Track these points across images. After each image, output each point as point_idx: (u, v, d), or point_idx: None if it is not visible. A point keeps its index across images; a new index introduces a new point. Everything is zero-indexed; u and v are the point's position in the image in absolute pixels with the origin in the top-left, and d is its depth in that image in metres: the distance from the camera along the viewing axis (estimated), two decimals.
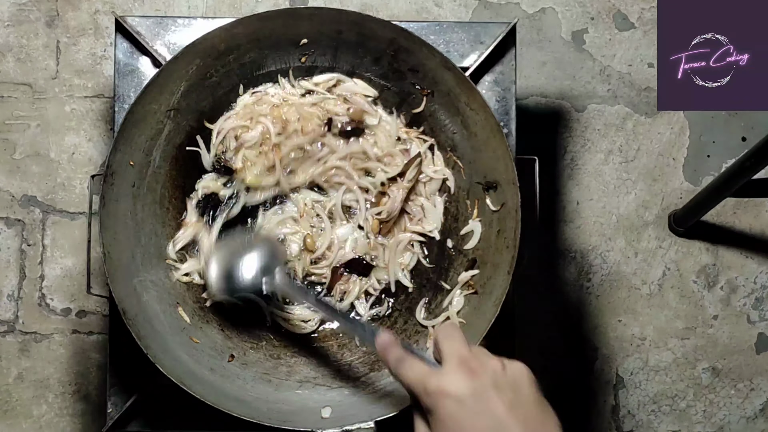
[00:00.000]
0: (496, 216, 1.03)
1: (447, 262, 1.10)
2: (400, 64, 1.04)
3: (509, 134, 1.10)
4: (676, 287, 1.52)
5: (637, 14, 1.53)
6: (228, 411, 0.95)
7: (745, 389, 1.52)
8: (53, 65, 1.50)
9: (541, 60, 1.52)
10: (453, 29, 1.10)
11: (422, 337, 1.07)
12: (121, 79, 1.09)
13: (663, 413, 1.52)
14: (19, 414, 1.48)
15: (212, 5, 1.52)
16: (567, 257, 1.51)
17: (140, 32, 1.08)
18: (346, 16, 0.99)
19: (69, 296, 1.48)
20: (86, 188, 1.48)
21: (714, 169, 1.53)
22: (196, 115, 1.06)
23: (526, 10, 1.53)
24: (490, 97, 1.10)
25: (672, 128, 1.53)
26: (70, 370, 1.48)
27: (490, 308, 0.98)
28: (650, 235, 1.52)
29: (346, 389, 1.05)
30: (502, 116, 1.10)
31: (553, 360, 1.51)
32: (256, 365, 1.06)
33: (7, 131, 1.49)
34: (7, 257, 1.48)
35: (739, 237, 1.53)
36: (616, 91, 1.53)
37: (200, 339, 1.05)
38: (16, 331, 1.48)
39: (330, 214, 1.09)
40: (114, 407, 1.08)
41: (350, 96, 1.08)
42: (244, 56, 1.04)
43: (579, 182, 1.52)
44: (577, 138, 1.52)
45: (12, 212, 1.49)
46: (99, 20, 1.50)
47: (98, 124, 1.49)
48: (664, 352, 1.52)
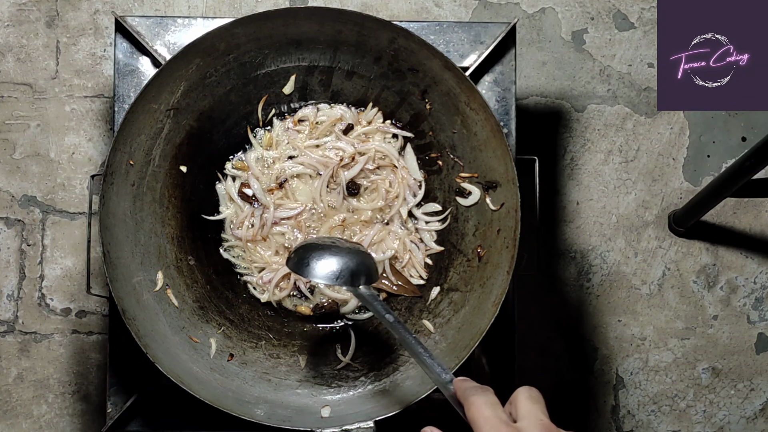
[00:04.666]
0: (496, 216, 1.04)
1: (447, 261, 1.10)
2: (400, 64, 1.04)
3: (509, 134, 1.10)
4: (676, 287, 1.52)
5: (637, 14, 1.53)
6: (228, 411, 0.95)
7: (745, 389, 1.52)
8: (53, 65, 1.50)
9: (541, 60, 1.52)
10: (453, 29, 1.10)
11: (421, 337, 1.07)
12: (121, 79, 1.09)
13: (663, 413, 1.52)
14: (19, 414, 1.48)
15: (212, 5, 1.52)
16: (567, 257, 1.51)
17: (140, 32, 1.08)
18: (346, 16, 0.99)
19: (69, 296, 1.48)
20: (86, 188, 1.48)
21: (714, 169, 1.53)
22: (195, 114, 1.06)
23: (526, 10, 1.53)
24: (490, 97, 1.10)
25: (672, 128, 1.53)
26: (70, 370, 1.48)
27: (489, 308, 0.98)
28: (650, 235, 1.52)
29: (346, 389, 1.05)
30: (502, 116, 1.10)
31: (553, 360, 1.51)
32: (255, 364, 1.06)
33: (7, 131, 1.49)
34: (7, 257, 1.48)
35: (739, 237, 1.53)
36: (616, 91, 1.53)
37: (200, 339, 1.05)
38: (16, 331, 1.48)
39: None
40: (114, 407, 1.08)
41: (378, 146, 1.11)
42: (244, 56, 1.04)
43: (579, 182, 1.52)
44: (577, 138, 1.52)
45: (12, 212, 1.49)
46: (99, 20, 1.50)
47: (98, 124, 1.49)
48: (664, 352, 1.52)
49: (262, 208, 1.10)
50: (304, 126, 1.11)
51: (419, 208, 1.12)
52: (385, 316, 0.86)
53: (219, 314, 1.09)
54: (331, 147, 1.11)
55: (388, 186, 1.11)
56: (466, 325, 1.03)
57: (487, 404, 0.69)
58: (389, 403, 0.99)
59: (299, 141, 1.11)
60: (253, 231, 1.10)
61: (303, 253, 0.94)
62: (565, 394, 1.51)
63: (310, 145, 1.11)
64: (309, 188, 1.11)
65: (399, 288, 1.10)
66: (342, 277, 0.92)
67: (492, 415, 0.68)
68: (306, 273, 0.93)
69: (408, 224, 1.11)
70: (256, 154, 1.11)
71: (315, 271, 0.92)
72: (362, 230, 1.10)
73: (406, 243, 1.10)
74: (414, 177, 1.11)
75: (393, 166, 1.11)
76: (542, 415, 0.68)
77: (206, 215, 1.11)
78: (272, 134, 1.11)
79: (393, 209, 1.10)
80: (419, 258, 1.11)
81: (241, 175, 1.11)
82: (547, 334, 1.51)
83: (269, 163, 1.11)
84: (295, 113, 1.11)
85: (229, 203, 1.11)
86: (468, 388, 0.71)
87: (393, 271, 1.11)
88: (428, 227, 1.11)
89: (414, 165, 1.11)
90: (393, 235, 1.10)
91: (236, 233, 1.10)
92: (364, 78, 1.08)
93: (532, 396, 0.70)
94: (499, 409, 0.69)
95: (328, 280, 0.92)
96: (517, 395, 0.70)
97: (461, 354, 0.98)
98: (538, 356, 1.50)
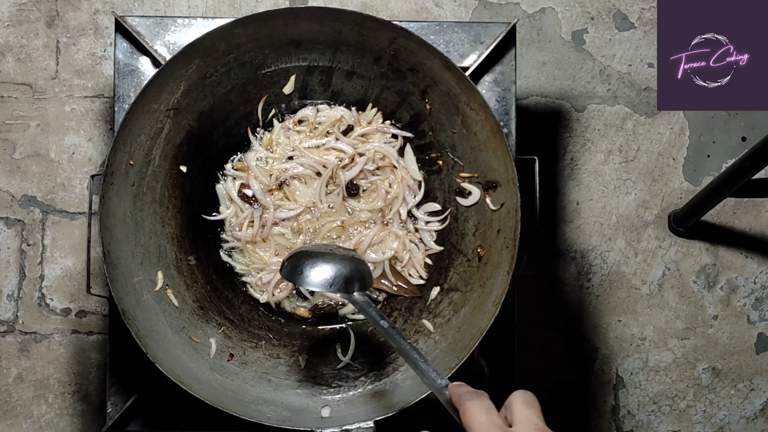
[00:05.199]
0: (496, 216, 1.04)
1: (447, 261, 1.10)
2: (400, 64, 1.04)
3: (509, 134, 1.10)
4: (676, 287, 1.52)
5: (637, 14, 1.53)
6: (228, 411, 0.95)
7: (745, 389, 1.52)
8: (53, 65, 1.50)
9: (541, 60, 1.52)
10: (453, 29, 1.10)
11: (421, 337, 1.07)
12: (121, 79, 1.09)
13: (663, 413, 1.52)
14: (19, 414, 1.48)
15: (212, 5, 1.52)
16: (567, 257, 1.51)
17: (140, 32, 1.08)
18: (346, 16, 0.99)
19: (69, 296, 1.48)
20: (86, 188, 1.48)
21: (714, 169, 1.53)
22: (195, 114, 1.06)
23: (526, 10, 1.53)
24: (490, 97, 1.10)
25: (672, 128, 1.53)
26: (70, 370, 1.48)
27: (489, 308, 0.98)
28: (650, 235, 1.52)
29: (346, 389, 1.05)
30: (502, 116, 1.10)
31: (553, 360, 1.51)
32: (255, 364, 1.06)
33: (7, 131, 1.49)
34: (7, 257, 1.48)
35: (739, 237, 1.53)
36: (616, 91, 1.53)
37: (200, 339, 1.05)
38: (16, 331, 1.48)
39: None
40: (114, 407, 1.08)
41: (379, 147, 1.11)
42: (244, 56, 1.04)
43: (579, 182, 1.52)
44: (577, 138, 1.52)
45: (12, 212, 1.49)
46: (99, 20, 1.50)
47: (98, 124, 1.49)
48: (664, 352, 1.52)
49: (262, 209, 1.10)
50: (303, 127, 1.11)
51: (419, 208, 1.12)
52: (379, 323, 0.86)
53: (219, 314, 1.09)
54: (330, 148, 1.11)
55: (388, 187, 1.11)
56: (466, 325, 1.03)
57: (482, 409, 0.69)
58: (389, 403, 0.99)
59: (299, 142, 1.11)
60: (252, 232, 1.10)
61: (296, 260, 0.94)
62: (565, 394, 1.51)
63: (310, 146, 1.11)
64: (309, 189, 1.11)
65: (399, 288, 1.10)
66: (336, 285, 0.92)
67: (487, 420, 0.68)
68: (299, 281, 0.92)
69: (408, 224, 1.11)
70: (256, 155, 1.11)
71: (308, 279, 0.92)
72: (362, 231, 1.10)
73: (405, 243, 1.10)
74: (413, 177, 1.11)
75: (392, 166, 1.11)
76: (537, 419, 0.68)
77: (206, 215, 1.11)
78: (272, 135, 1.11)
79: (392, 210, 1.10)
80: (419, 258, 1.11)
81: (241, 176, 1.11)
82: (547, 334, 1.51)
83: (269, 164, 1.11)
84: (295, 113, 1.11)
85: (229, 204, 1.11)
86: (463, 393, 0.71)
87: (393, 272, 1.11)
88: (428, 227, 1.11)
89: (413, 165, 1.11)
90: (393, 236, 1.10)
91: (236, 234, 1.10)
92: (364, 78, 1.08)
93: (527, 400, 0.70)
94: (494, 414, 0.69)
95: (321, 288, 0.92)
96: (512, 399, 0.70)
97: (461, 354, 0.98)
98: (538, 356, 1.50)
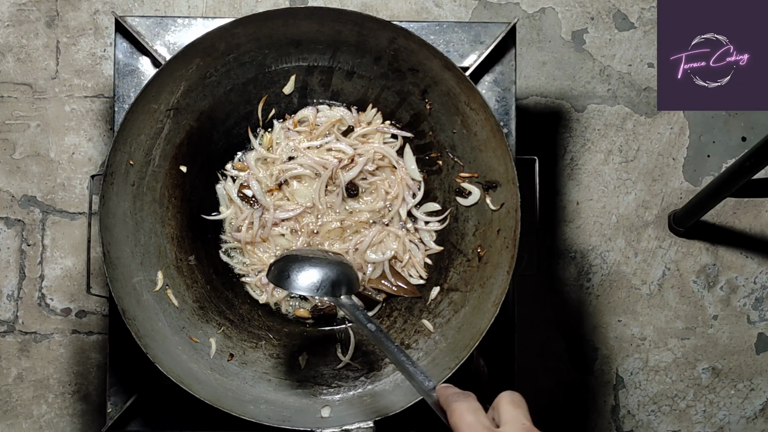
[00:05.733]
0: (496, 216, 1.04)
1: (447, 261, 1.10)
2: (400, 64, 1.04)
3: (509, 134, 1.10)
4: (676, 287, 1.52)
5: (637, 14, 1.53)
6: (228, 411, 0.95)
7: (745, 389, 1.52)
8: (53, 65, 1.50)
9: (541, 60, 1.52)
10: (453, 29, 1.10)
11: (421, 337, 1.07)
12: (121, 79, 1.09)
13: (663, 413, 1.52)
14: (19, 414, 1.48)
15: (212, 5, 1.52)
16: (567, 257, 1.51)
17: (140, 32, 1.08)
18: (346, 16, 0.99)
19: (69, 296, 1.48)
20: (86, 188, 1.48)
21: (714, 169, 1.53)
22: (195, 114, 1.06)
23: (526, 10, 1.53)
24: (490, 97, 1.10)
25: (672, 128, 1.53)
26: (70, 370, 1.48)
27: (489, 308, 0.98)
28: (650, 235, 1.52)
29: (346, 389, 1.05)
30: (502, 116, 1.10)
31: (553, 360, 1.51)
32: (255, 364, 1.06)
33: (7, 131, 1.49)
34: (7, 257, 1.48)
35: (739, 237, 1.53)
36: (616, 91, 1.53)
37: (200, 339, 1.05)
38: (16, 331, 1.48)
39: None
40: (114, 407, 1.08)
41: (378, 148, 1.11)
42: (244, 56, 1.04)
43: (579, 182, 1.52)
44: (577, 138, 1.52)
45: (12, 212, 1.49)
46: (99, 20, 1.50)
47: (98, 124, 1.49)
48: (664, 352, 1.52)
49: (262, 210, 1.10)
50: (303, 127, 1.11)
51: (419, 208, 1.12)
52: (366, 326, 0.86)
53: (219, 314, 1.09)
54: (330, 148, 1.11)
55: (387, 187, 1.11)
56: (466, 325, 1.03)
57: (470, 410, 0.69)
58: (389, 403, 0.99)
59: (299, 142, 1.11)
60: (252, 233, 1.10)
61: (283, 265, 0.93)
62: (565, 394, 1.51)
63: (310, 147, 1.11)
64: (308, 190, 1.11)
65: (399, 288, 1.10)
66: (323, 288, 0.92)
67: (474, 421, 0.68)
68: (287, 285, 0.92)
69: (407, 224, 1.11)
70: (256, 155, 1.11)
71: (296, 283, 0.92)
72: (362, 231, 1.10)
73: (405, 243, 1.10)
74: (413, 177, 1.11)
75: (392, 166, 1.11)
76: (525, 419, 0.69)
77: (206, 215, 1.11)
78: (272, 135, 1.11)
79: (392, 210, 1.10)
80: (419, 258, 1.11)
81: (240, 176, 1.11)
82: (547, 334, 1.51)
83: (269, 164, 1.11)
84: (295, 114, 1.11)
85: (228, 204, 1.11)
86: (450, 394, 0.72)
87: (393, 272, 1.11)
88: (428, 227, 1.11)
89: (413, 165, 1.11)
90: (393, 236, 1.10)
91: (236, 235, 1.10)
92: (364, 78, 1.08)
93: (515, 400, 0.70)
94: (481, 415, 0.69)
95: (308, 292, 0.92)
96: (499, 400, 0.70)
97: (461, 354, 0.98)
98: (538, 356, 1.50)
